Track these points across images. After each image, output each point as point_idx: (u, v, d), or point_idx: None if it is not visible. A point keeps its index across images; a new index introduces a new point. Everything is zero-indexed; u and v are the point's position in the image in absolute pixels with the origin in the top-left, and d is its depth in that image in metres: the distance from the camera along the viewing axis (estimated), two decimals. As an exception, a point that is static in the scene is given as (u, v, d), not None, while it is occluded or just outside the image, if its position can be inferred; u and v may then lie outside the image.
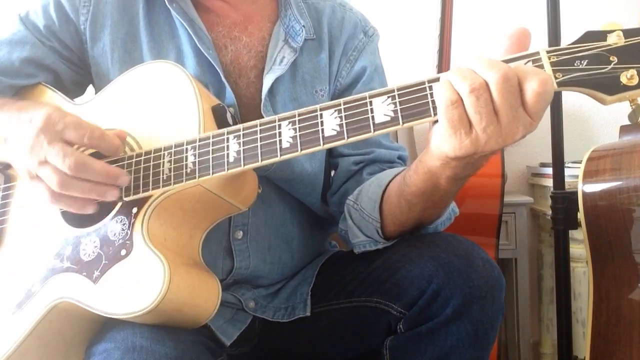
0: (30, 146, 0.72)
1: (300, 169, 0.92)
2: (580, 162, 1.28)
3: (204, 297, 0.76)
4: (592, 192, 1.22)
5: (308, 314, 0.92)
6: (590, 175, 1.24)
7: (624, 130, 1.35)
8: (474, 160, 0.66)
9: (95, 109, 0.86)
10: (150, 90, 0.81)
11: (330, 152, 1.00)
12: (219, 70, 0.88)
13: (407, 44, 2.02)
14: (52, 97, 0.91)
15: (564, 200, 1.32)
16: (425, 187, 0.75)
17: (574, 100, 2.02)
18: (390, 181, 0.86)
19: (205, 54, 0.88)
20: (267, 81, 0.90)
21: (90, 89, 0.99)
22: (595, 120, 2.07)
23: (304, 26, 0.94)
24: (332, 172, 1.01)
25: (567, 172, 1.37)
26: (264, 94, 0.89)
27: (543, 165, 1.90)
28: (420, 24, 2.01)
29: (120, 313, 0.70)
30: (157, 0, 0.92)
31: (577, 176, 1.27)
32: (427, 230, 0.88)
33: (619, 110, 2.04)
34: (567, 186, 1.36)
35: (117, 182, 0.74)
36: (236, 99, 0.90)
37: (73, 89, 0.97)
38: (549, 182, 1.48)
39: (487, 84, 0.59)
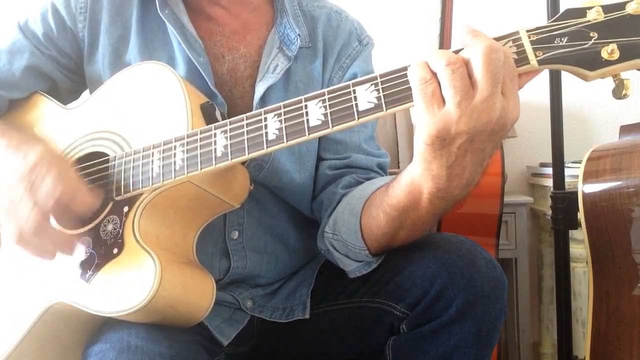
0: (9, 198, 0.72)
1: (288, 178, 0.91)
2: (580, 162, 1.27)
3: (197, 293, 0.76)
4: (592, 192, 1.22)
5: (307, 317, 0.91)
6: (590, 175, 1.23)
7: (624, 130, 1.34)
8: (453, 160, 0.64)
9: (86, 112, 0.87)
10: (139, 91, 0.81)
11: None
12: (206, 79, 0.87)
13: (407, 44, 2.02)
14: (47, 104, 0.92)
15: (564, 200, 1.32)
16: (406, 201, 0.73)
17: (574, 100, 2.02)
18: (364, 206, 0.83)
19: (195, 62, 0.87)
20: (259, 89, 0.89)
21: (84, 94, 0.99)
22: (595, 120, 2.06)
23: (299, 35, 0.93)
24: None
25: (567, 172, 1.37)
26: (255, 102, 0.89)
27: (543, 165, 1.89)
28: (420, 24, 2.01)
29: (114, 311, 0.70)
30: (152, 6, 0.91)
31: (577, 176, 1.27)
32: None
33: (619, 110, 2.04)
34: (567, 186, 1.35)
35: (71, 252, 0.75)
36: (230, 108, 0.89)
37: (68, 97, 0.98)
38: (549, 182, 1.47)
39: (464, 61, 0.60)
